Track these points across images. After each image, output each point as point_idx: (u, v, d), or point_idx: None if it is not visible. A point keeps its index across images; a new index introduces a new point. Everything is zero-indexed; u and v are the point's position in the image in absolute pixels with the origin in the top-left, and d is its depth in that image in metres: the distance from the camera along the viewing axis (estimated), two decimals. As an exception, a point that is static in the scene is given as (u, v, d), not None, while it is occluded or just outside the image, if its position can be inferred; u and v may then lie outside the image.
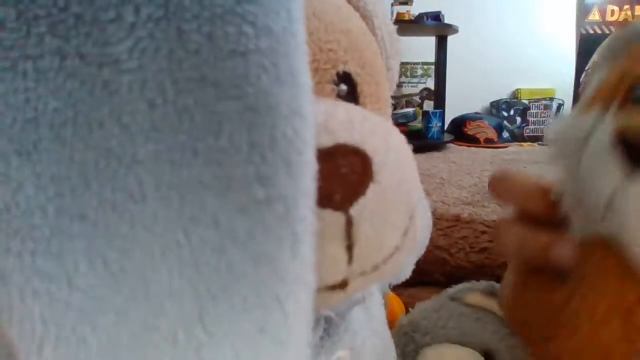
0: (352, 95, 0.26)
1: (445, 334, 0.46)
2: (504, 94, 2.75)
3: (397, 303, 0.59)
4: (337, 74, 0.25)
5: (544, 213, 0.34)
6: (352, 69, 0.26)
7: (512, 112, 2.68)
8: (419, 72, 2.70)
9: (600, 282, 0.30)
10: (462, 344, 0.42)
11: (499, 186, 0.37)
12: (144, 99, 0.13)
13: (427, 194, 1.24)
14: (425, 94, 2.69)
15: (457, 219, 0.81)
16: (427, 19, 2.20)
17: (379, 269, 0.22)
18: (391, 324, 0.50)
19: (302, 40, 0.16)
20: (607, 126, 0.30)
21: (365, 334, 0.31)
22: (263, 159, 0.14)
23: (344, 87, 0.26)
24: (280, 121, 0.14)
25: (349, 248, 0.20)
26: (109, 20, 0.13)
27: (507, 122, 2.64)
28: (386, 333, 0.35)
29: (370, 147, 0.20)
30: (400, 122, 2.24)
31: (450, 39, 2.32)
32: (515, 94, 2.75)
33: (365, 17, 0.31)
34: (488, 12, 2.70)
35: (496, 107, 2.70)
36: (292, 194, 0.15)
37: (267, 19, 0.14)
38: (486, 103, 2.76)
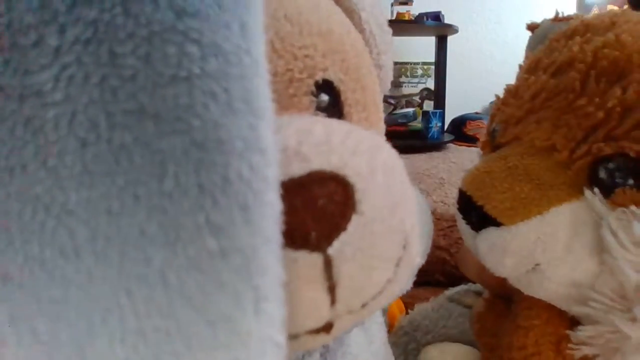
0: (334, 106, 0.24)
1: (445, 333, 0.46)
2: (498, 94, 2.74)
3: (397, 304, 0.59)
4: (316, 83, 0.22)
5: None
6: (333, 75, 0.23)
7: (512, 112, 2.67)
8: (419, 72, 2.69)
9: (533, 314, 0.31)
10: (462, 342, 0.43)
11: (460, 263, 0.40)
12: (74, 137, 0.12)
13: (427, 194, 1.24)
14: (425, 94, 2.69)
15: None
16: (427, 19, 2.19)
17: (369, 305, 0.19)
18: (390, 324, 0.50)
19: (261, 56, 0.13)
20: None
21: (365, 357, 0.29)
22: (215, 205, 0.12)
23: (324, 97, 0.23)
24: (233, 158, 0.12)
25: (331, 289, 0.17)
26: (30, 45, 0.11)
27: (507, 122, 2.63)
28: (387, 353, 0.34)
29: (351, 171, 0.17)
30: (400, 122, 2.24)
31: (450, 39, 2.31)
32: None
33: (350, 11, 0.28)
34: (488, 12, 2.69)
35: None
36: (251, 244, 0.13)
37: (214, 35, 0.12)
38: (486, 103, 2.76)
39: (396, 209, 0.19)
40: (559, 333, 0.30)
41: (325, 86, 0.23)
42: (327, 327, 0.19)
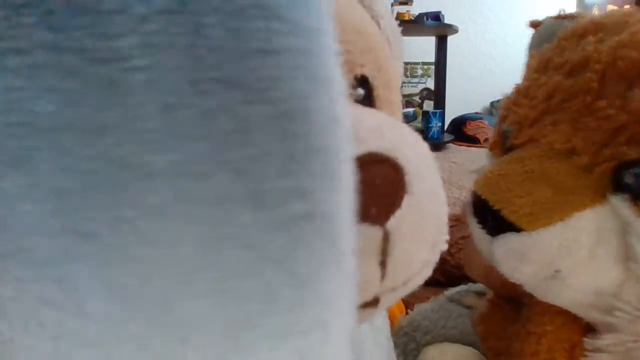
0: (367, 100, 0.25)
1: (445, 334, 0.46)
2: (504, 94, 2.74)
3: (397, 304, 0.59)
4: (355, 77, 0.24)
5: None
6: (368, 72, 0.25)
7: (512, 112, 2.67)
8: (419, 72, 2.69)
9: (546, 320, 0.31)
10: (462, 342, 0.43)
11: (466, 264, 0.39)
12: (158, 101, 0.12)
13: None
14: (425, 94, 2.69)
15: (457, 219, 0.81)
16: (427, 19, 2.19)
17: (408, 284, 0.21)
18: (390, 324, 0.50)
19: (333, 40, 0.14)
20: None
21: (371, 348, 0.30)
22: (301, 170, 0.13)
23: (361, 91, 0.24)
24: (317, 128, 0.13)
25: (383, 264, 0.19)
26: (112, 10, 0.11)
27: (507, 122, 2.63)
28: (390, 345, 0.34)
29: (401, 155, 0.18)
30: (400, 122, 2.24)
31: (450, 39, 2.31)
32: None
33: (372, 17, 0.29)
34: (488, 12, 2.69)
35: (496, 107, 2.70)
36: (334, 208, 0.13)
37: (299, 15, 0.13)
38: (486, 103, 2.76)
39: (436, 194, 0.21)
40: (572, 340, 0.29)
41: (362, 81, 0.25)
42: (375, 302, 0.20)
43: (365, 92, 0.25)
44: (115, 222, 0.12)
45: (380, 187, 0.18)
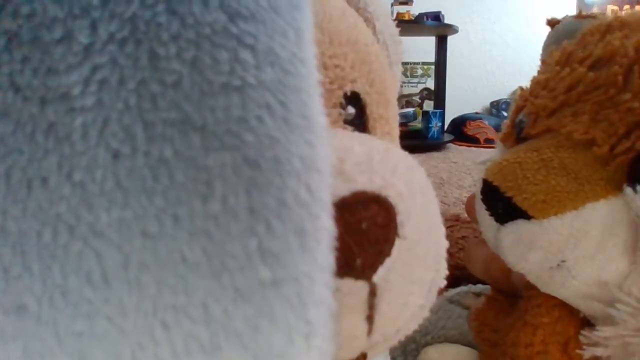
0: (359, 119, 0.22)
1: (445, 334, 0.46)
2: (504, 94, 2.74)
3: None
4: (345, 94, 0.21)
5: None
6: (360, 87, 0.22)
7: (512, 112, 2.68)
8: (419, 72, 2.69)
9: (543, 312, 0.31)
10: (461, 343, 0.43)
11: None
12: (105, 148, 0.10)
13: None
14: (425, 94, 2.69)
15: (457, 219, 0.81)
16: (427, 19, 2.19)
17: (400, 332, 0.19)
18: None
19: (314, 68, 0.12)
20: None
21: None
22: (269, 230, 0.11)
23: (351, 110, 0.22)
24: (291, 179, 0.11)
25: (370, 318, 0.17)
26: (55, 40, 0.10)
27: (507, 122, 2.64)
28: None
29: (393, 191, 0.16)
30: (400, 122, 2.24)
31: (450, 39, 2.31)
32: (516, 94, 2.75)
33: (366, 20, 0.27)
34: (488, 12, 2.69)
35: (496, 107, 2.70)
36: (306, 272, 0.11)
37: (271, 41, 0.11)
38: (486, 103, 2.76)
39: (432, 232, 0.18)
40: (567, 333, 0.29)
41: (353, 98, 0.22)
42: (362, 357, 0.18)
43: (357, 110, 0.22)
44: (49, 293, 0.10)
45: (367, 232, 0.15)
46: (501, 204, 0.28)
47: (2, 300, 0.10)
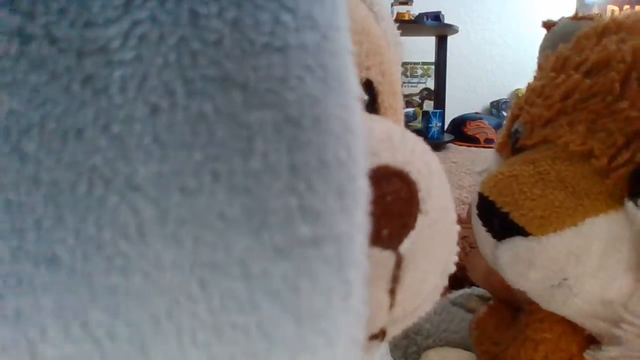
0: (372, 107, 0.23)
1: (446, 337, 0.45)
2: (504, 94, 2.74)
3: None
4: (360, 81, 0.22)
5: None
6: (374, 76, 0.23)
7: (512, 112, 2.67)
8: (419, 72, 2.69)
9: (545, 327, 0.30)
10: (463, 347, 0.42)
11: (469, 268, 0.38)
12: (143, 102, 0.10)
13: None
14: (425, 94, 2.68)
15: (457, 219, 0.80)
16: (427, 19, 2.19)
17: (416, 311, 0.19)
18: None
19: (348, 37, 0.12)
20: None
21: None
22: (310, 188, 0.11)
23: (365, 96, 0.22)
24: (331, 139, 0.11)
25: (392, 292, 0.17)
26: None
27: (507, 122, 2.63)
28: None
29: (414, 169, 0.17)
30: (400, 122, 2.24)
31: (450, 39, 2.31)
32: (515, 94, 2.75)
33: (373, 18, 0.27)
34: (488, 12, 2.69)
35: (496, 107, 2.69)
36: (346, 232, 0.11)
37: (310, 6, 0.11)
38: (486, 103, 2.76)
39: (449, 212, 0.19)
40: (570, 350, 0.29)
41: (366, 86, 0.23)
42: (382, 334, 0.18)
43: (370, 98, 0.23)
44: (82, 246, 0.10)
45: (393, 205, 0.16)
46: (497, 219, 0.27)
47: (33, 251, 0.10)
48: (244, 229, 0.10)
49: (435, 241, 0.17)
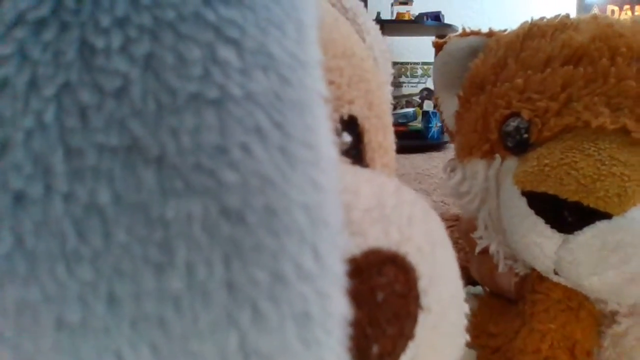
0: (355, 149, 0.19)
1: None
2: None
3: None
4: (341, 118, 0.18)
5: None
6: (358, 110, 0.18)
7: (512, 112, 2.68)
8: (419, 72, 2.69)
9: (550, 317, 0.30)
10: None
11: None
12: (2, 189, 0.07)
13: (427, 194, 1.24)
14: (425, 94, 2.69)
15: (457, 219, 0.80)
16: (427, 19, 2.20)
17: None
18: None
19: (319, 78, 0.09)
20: (509, 178, 0.30)
21: None
22: (256, 318, 0.08)
23: (347, 137, 0.18)
24: (290, 240, 0.08)
25: None
26: None
27: (507, 122, 2.64)
28: None
29: (412, 248, 0.13)
30: (400, 122, 2.24)
31: (450, 39, 2.32)
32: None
33: (357, 32, 0.23)
34: (488, 12, 2.70)
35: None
36: None
37: (264, 36, 0.08)
38: (486, 103, 2.76)
39: (456, 298, 0.15)
40: (574, 336, 0.29)
41: (349, 123, 0.18)
42: None
43: (354, 138, 0.18)
44: None
45: (385, 305, 0.12)
46: (568, 211, 0.26)
47: None
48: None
49: (438, 343, 0.14)
